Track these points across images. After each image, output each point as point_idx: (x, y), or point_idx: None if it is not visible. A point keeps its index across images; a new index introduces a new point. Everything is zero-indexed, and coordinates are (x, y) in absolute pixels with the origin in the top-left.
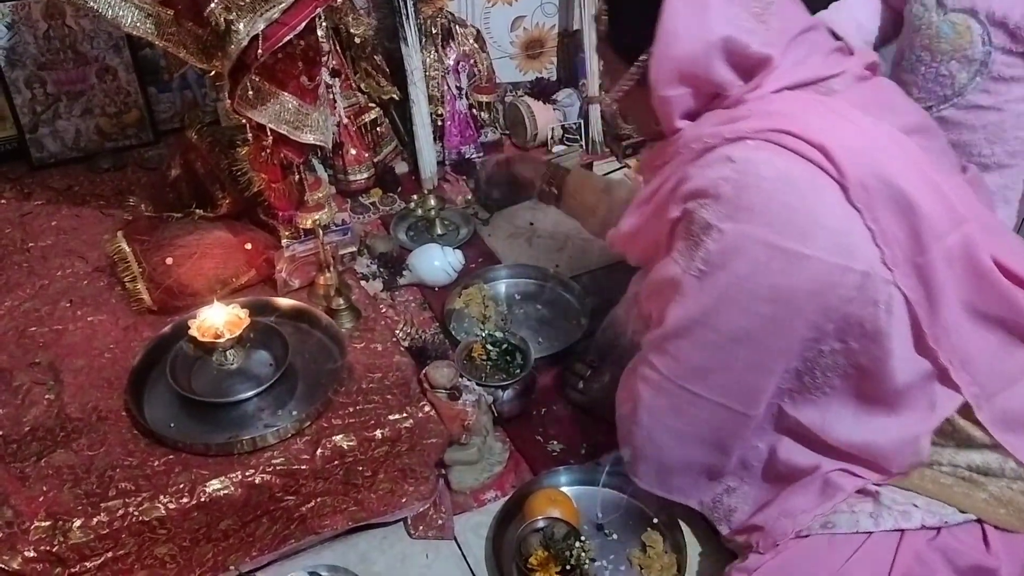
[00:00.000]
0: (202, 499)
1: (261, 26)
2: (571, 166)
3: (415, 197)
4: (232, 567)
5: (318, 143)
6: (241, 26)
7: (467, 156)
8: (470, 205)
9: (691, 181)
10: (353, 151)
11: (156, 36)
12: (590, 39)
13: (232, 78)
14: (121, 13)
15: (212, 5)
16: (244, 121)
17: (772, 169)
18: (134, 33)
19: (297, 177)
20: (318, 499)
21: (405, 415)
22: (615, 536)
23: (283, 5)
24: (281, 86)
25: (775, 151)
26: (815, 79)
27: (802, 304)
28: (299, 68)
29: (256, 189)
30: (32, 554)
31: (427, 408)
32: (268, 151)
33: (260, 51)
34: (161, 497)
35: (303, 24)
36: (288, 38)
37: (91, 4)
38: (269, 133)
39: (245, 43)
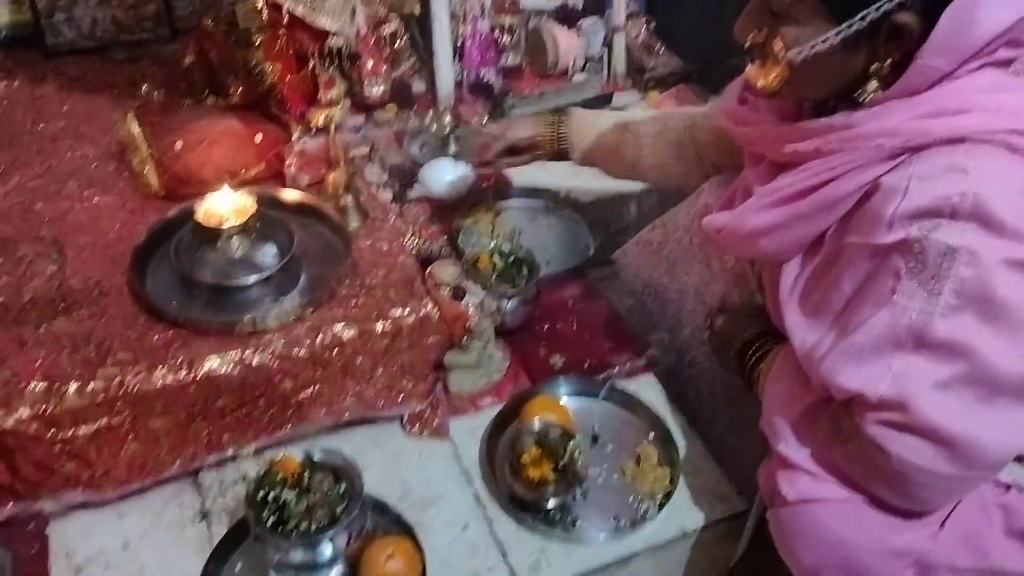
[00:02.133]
0: (199, 375)
1: None
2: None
3: (430, 113)
4: (227, 448)
5: (333, 30)
6: None
7: (486, 79)
8: (485, 125)
9: (908, 198)
10: (371, 63)
11: None
12: None
13: None
14: None
15: None
16: (260, 6)
17: (1016, 180)
18: None
19: (311, 69)
20: (315, 387)
21: (407, 310)
22: (610, 447)
23: None
24: None
25: (1011, 158)
26: (1008, 59)
27: None
28: None
29: (270, 82)
30: (27, 414)
31: (429, 306)
32: (283, 39)
33: None
34: (159, 369)
35: None
36: None
37: None
38: (285, 14)
39: None
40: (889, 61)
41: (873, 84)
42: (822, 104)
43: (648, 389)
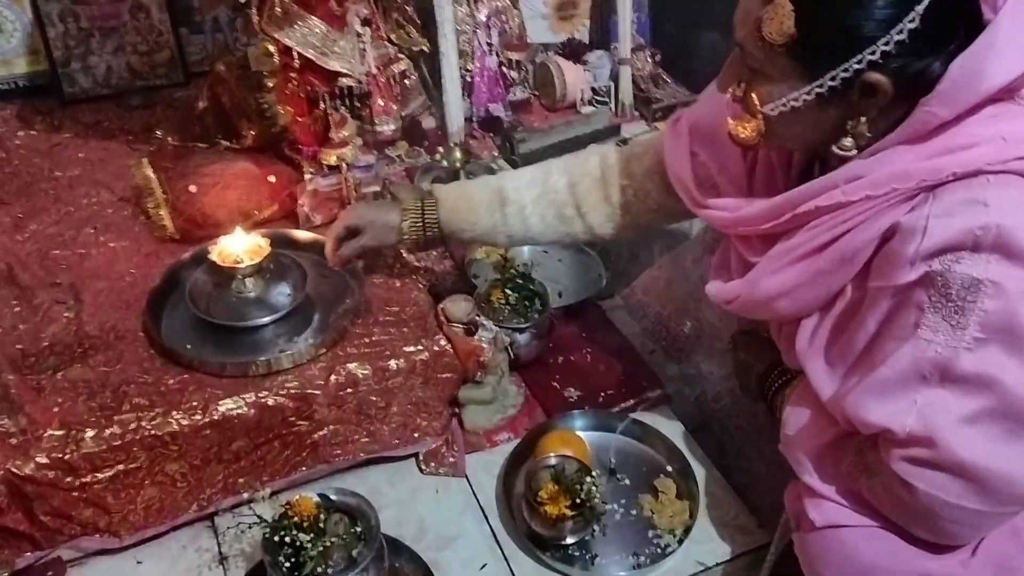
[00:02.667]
0: (215, 417)
1: None
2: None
3: (441, 149)
4: (242, 491)
5: (344, 71)
6: None
7: (495, 114)
8: (495, 159)
9: (928, 237)
10: (381, 102)
11: None
12: (624, 1)
13: None
14: None
15: None
16: (272, 51)
17: None
18: None
19: (323, 111)
20: (330, 427)
21: (420, 347)
22: (627, 481)
23: None
24: (310, 9)
25: None
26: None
27: None
28: None
29: (282, 124)
30: (44, 460)
31: (443, 342)
32: (295, 82)
33: None
34: (174, 413)
35: None
36: None
37: None
38: (296, 58)
39: None
40: (864, 119)
41: (849, 141)
42: (805, 164)
43: (665, 421)
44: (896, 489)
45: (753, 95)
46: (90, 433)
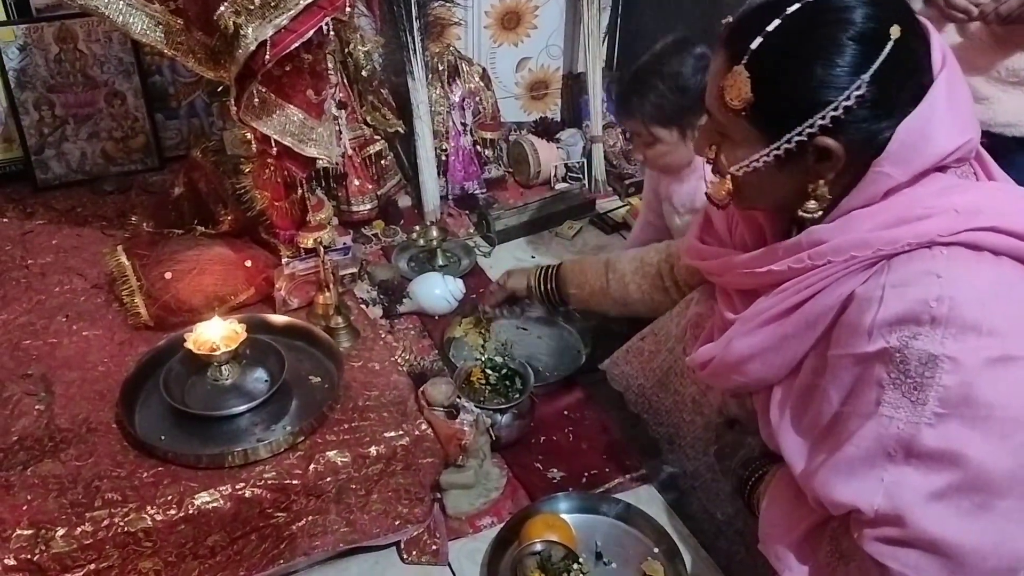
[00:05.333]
0: (190, 511)
1: (269, 32)
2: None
3: (417, 228)
4: None
5: (322, 157)
6: (250, 31)
7: (470, 191)
8: (472, 236)
9: (884, 306)
10: (357, 182)
11: (165, 45)
12: (594, 81)
13: (239, 85)
14: (132, 20)
15: (222, 8)
16: (249, 138)
17: (984, 278)
18: (143, 40)
19: (300, 195)
20: (309, 518)
21: (401, 432)
22: (614, 565)
23: (292, 12)
24: (287, 98)
25: (977, 257)
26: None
27: None
28: (306, 81)
29: (259, 208)
30: (12, 562)
31: (424, 426)
32: (272, 168)
33: (268, 56)
34: (148, 508)
35: (311, 32)
36: (295, 45)
37: (102, 10)
38: (274, 145)
39: (253, 48)
40: (823, 181)
41: (812, 204)
42: (784, 225)
43: (650, 501)
44: (872, 572)
45: (722, 157)
46: (60, 532)
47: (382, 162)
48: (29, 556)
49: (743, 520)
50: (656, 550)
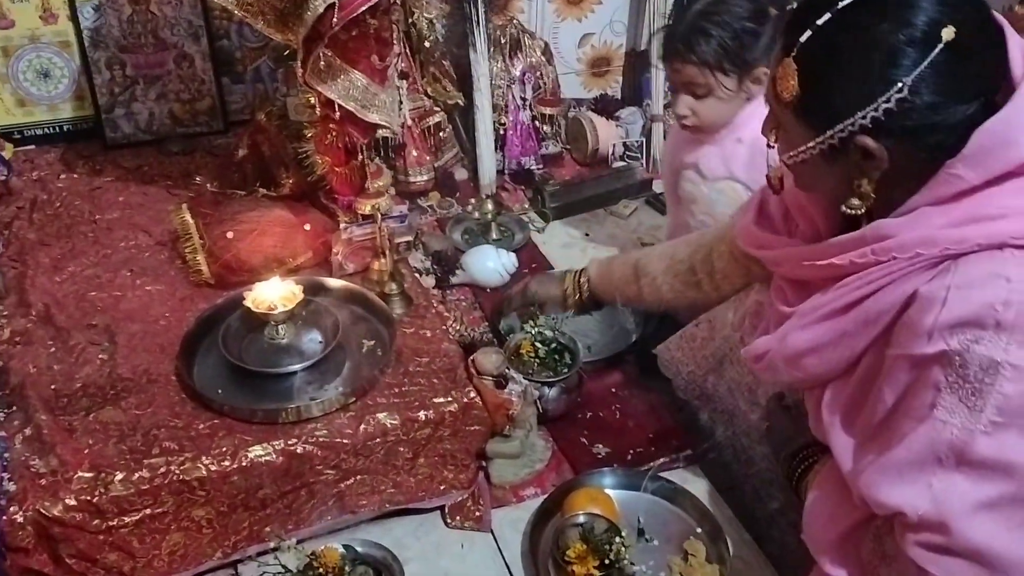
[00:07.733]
0: (243, 463)
1: None
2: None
3: (473, 201)
4: (267, 539)
5: (384, 124)
6: None
7: (527, 167)
8: (526, 211)
9: (947, 308)
10: (415, 153)
11: (236, 5)
12: (657, 58)
13: (305, 47)
14: None
15: None
16: (312, 103)
17: None
18: (215, 0)
19: (360, 161)
20: (357, 477)
21: (450, 399)
22: (656, 542)
23: None
24: (352, 63)
25: None
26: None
27: None
28: (371, 47)
29: (319, 173)
30: (73, 502)
31: (472, 394)
32: (334, 133)
33: (335, 19)
34: (203, 458)
35: None
36: (363, 9)
37: None
38: (337, 110)
39: (321, 10)
40: (867, 180)
41: (856, 201)
42: (837, 218)
43: (695, 481)
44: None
45: (778, 144)
46: (119, 476)
47: (440, 134)
48: (89, 498)
49: (796, 510)
50: (699, 530)
